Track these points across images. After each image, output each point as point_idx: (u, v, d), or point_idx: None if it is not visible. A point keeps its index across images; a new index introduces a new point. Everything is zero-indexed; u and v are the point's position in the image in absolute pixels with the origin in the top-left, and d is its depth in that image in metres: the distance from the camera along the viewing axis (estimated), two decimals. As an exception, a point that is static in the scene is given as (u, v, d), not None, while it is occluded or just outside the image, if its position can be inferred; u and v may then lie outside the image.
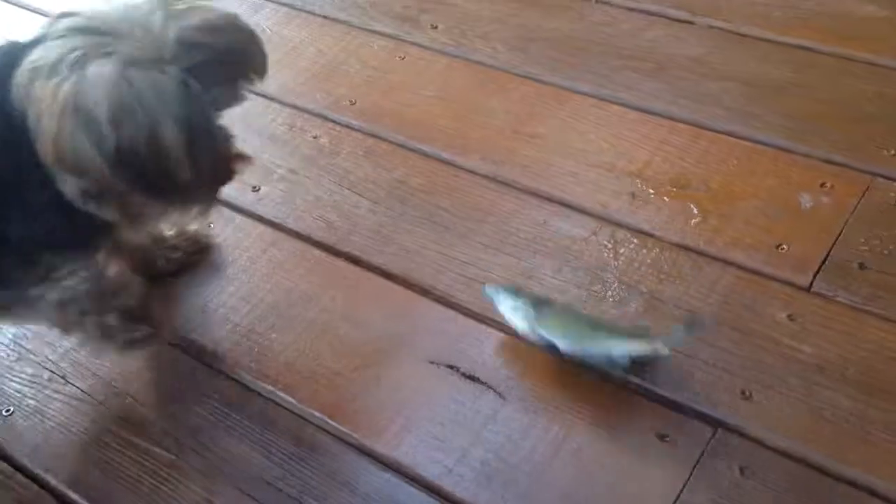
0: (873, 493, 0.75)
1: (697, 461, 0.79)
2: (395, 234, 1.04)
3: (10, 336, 0.97)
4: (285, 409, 0.88)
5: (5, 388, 0.92)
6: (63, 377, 0.93)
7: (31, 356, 0.95)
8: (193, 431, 0.87)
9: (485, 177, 1.09)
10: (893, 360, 0.84)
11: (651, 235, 0.99)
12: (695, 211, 1.01)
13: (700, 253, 0.96)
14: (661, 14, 1.28)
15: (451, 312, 0.94)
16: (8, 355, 0.95)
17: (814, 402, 0.82)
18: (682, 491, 0.77)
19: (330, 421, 0.86)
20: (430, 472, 0.81)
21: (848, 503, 0.75)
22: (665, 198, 1.03)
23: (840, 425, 0.80)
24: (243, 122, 1.20)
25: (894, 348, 0.85)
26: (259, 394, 0.89)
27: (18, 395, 0.91)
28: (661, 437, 0.81)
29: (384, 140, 1.16)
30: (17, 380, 0.93)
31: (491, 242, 1.01)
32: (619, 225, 1.01)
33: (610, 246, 0.98)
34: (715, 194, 1.02)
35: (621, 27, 1.28)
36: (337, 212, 1.07)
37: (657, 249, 0.97)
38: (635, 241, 0.99)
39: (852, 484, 0.76)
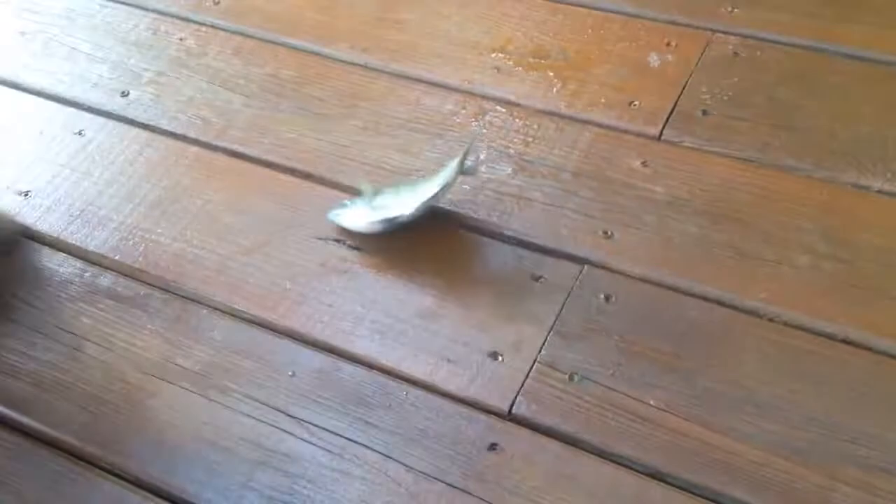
0: (720, 303, 0.92)
1: (568, 295, 0.94)
2: (271, 125, 1.14)
3: None
4: (178, 295, 0.98)
5: None
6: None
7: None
8: (85, 325, 0.96)
9: (354, 64, 1.20)
10: (732, 190, 1.00)
11: (516, 105, 1.13)
12: (555, 79, 1.15)
13: (561, 116, 1.11)
14: None
15: (333, 192, 1.06)
16: None
17: (666, 234, 0.98)
18: (555, 321, 0.92)
19: (224, 302, 0.97)
20: (326, 336, 0.94)
21: (699, 313, 0.91)
22: (527, 69, 1.17)
23: (689, 250, 0.96)
24: (106, 31, 1.29)
25: (733, 180, 1.01)
26: (150, 284, 0.99)
27: None
28: (536, 279, 0.96)
29: (251, 37, 1.25)
30: None
31: (366, 125, 1.13)
32: (486, 98, 1.14)
33: (479, 117, 1.12)
34: (572, 62, 1.17)
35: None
36: (211, 109, 1.16)
37: (523, 117, 1.11)
38: (502, 110, 1.12)
39: (702, 298, 0.92)
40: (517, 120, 1.11)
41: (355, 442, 0.85)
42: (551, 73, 1.16)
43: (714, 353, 0.88)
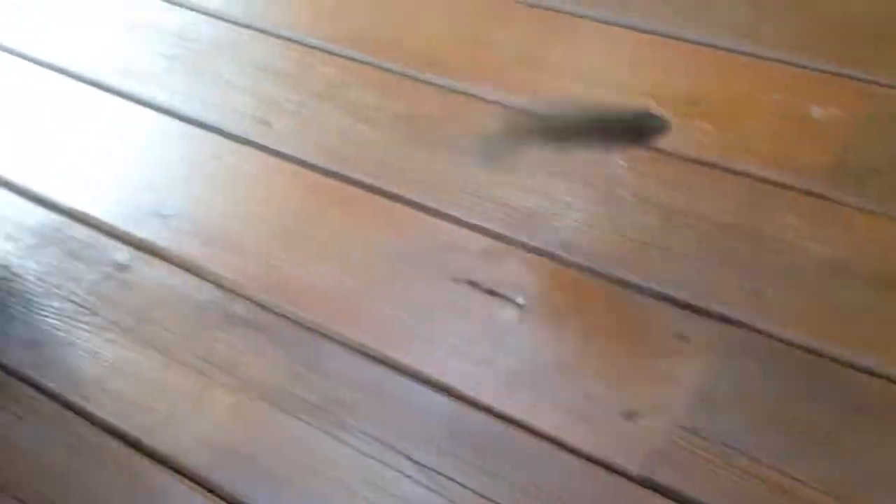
0: (881, 376, 0.85)
1: (713, 356, 0.89)
2: (407, 161, 1.14)
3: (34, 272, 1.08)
4: (304, 326, 0.98)
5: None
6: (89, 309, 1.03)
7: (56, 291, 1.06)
8: (216, 352, 0.97)
9: (496, 103, 1.19)
10: (898, 255, 0.95)
11: (666, 152, 1.09)
12: (707, 127, 1.11)
13: (713, 166, 1.07)
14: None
15: (468, 232, 1.04)
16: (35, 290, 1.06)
17: (822, 297, 0.92)
18: (698, 383, 0.87)
19: (350, 336, 0.96)
20: (453, 381, 0.92)
21: (856, 385, 0.85)
22: (677, 116, 1.12)
23: (847, 316, 0.90)
24: (251, 60, 1.32)
25: (898, 244, 0.96)
26: (277, 314, 0.99)
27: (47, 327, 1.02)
28: (679, 337, 0.91)
29: (393, 72, 1.26)
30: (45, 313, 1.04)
31: (505, 165, 1.12)
32: (632, 144, 1.12)
33: (624, 164, 1.09)
34: (727, 110, 1.13)
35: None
36: (349, 142, 1.17)
37: (671, 165, 1.08)
38: (650, 157, 1.09)
39: (861, 369, 0.86)
40: (666, 168, 1.08)
41: (477, 493, 0.82)
42: (703, 122, 1.12)
43: (872, 429, 0.82)
